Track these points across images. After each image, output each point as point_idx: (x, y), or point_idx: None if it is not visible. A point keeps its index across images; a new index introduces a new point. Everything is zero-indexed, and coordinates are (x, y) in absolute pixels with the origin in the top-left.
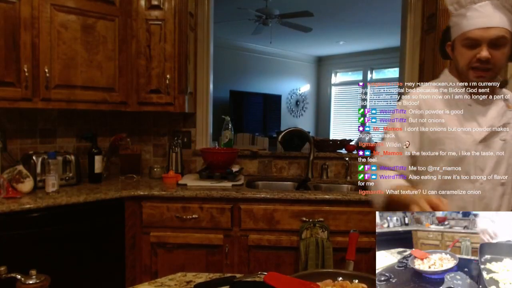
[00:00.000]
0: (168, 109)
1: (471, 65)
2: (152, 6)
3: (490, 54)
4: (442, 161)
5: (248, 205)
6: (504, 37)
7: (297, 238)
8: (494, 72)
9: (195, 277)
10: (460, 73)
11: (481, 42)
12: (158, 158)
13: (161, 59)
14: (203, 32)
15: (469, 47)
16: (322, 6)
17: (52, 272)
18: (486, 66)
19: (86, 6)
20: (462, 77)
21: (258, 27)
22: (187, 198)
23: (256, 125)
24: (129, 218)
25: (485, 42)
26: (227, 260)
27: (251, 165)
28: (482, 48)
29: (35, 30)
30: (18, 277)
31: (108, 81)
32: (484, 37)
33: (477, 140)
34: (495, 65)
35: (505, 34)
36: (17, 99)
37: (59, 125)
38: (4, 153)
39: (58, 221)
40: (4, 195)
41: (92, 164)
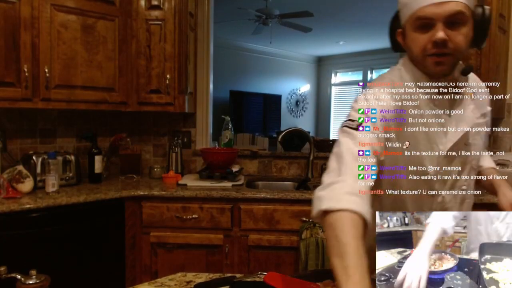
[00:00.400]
0: (168, 109)
1: (427, 51)
2: (152, 6)
3: (447, 35)
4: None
5: (248, 205)
6: (462, 12)
7: (297, 238)
8: (454, 58)
9: (195, 277)
10: (416, 64)
11: (435, 21)
12: (158, 158)
13: (161, 59)
14: (203, 32)
15: (421, 29)
16: (322, 6)
17: (52, 272)
18: (444, 51)
19: (86, 6)
20: (419, 68)
21: (258, 27)
22: (187, 198)
23: (256, 125)
24: (129, 218)
25: (440, 20)
26: (227, 260)
27: (251, 165)
28: (437, 28)
29: (35, 30)
30: (18, 277)
31: (108, 81)
32: (438, 14)
33: (444, 150)
34: (455, 49)
35: (463, 9)
36: (17, 99)
37: (59, 125)
38: (4, 153)
39: (58, 221)
40: (4, 195)
41: (92, 164)
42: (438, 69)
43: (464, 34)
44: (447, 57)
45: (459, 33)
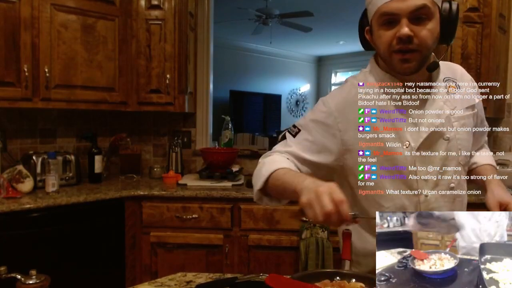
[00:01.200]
0: (168, 109)
1: (392, 48)
2: (152, 6)
3: (412, 31)
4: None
5: (248, 205)
6: (426, 6)
7: (297, 238)
8: (421, 54)
9: (195, 277)
10: (384, 62)
11: (399, 17)
12: (158, 158)
13: (161, 59)
14: (203, 32)
15: (387, 25)
16: (322, 6)
17: (52, 272)
18: (409, 47)
19: (86, 6)
20: (387, 66)
21: (258, 27)
22: (187, 198)
23: (256, 125)
24: (129, 218)
25: (404, 15)
26: (227, 260)
27: (251, 165)
28: (401, 24)
29: (35, 30)
30: (18, 277)
31: (108, 81)
32: (401, 9)
33: (414, 149)
34: (420, 45)
35: (427, 3)
36: (17, 99)
37: (59, 125)
38: (4, 153)
39: (58, 221)
40: (4, 195)
41: (92, 164)
42: (405, 66)
43: (429, 29)
44: (413, 53)
45: (424, 28)
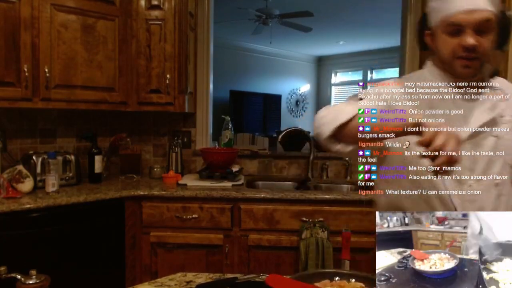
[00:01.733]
0: (168, 109)
1: (456, 54)
2: (152, 6)
3: (476, 41)
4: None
5: (248, 205)
6: (490, 20)
7: (297, 238)
8: (480, 61)
9: (195, 277)
10: (444, 65)
11: (465, 28)
12: (158, 158)
13: (161, 59)
14: (203, 32)
15: (452, 34)
16: (322, 6)
17: (52, 272)
18: (472, 55)
19: (86, 6)
20: (446, 69)
21: (258, 27)
22: (187, 198)
23: (256, 125)
24: (129, 218)
25: (470, 27)
26: (227, 260)
27: (251, 165)
28: (466, 34)
29: (35, 30)
30: (18, 277)
31: (108, 81)
32: (468, 21)
33: (463, 138)
34: (482, 53)
35: (491, 17)
36: (17, 99)
37: (59, 125)
38: (4, 153)
39: (58, 221)
40: (4, 195)
41: (92, 164)
42: (466, 71)
43: (490, 40)
44: (475, 61)
45: (487, 39)
